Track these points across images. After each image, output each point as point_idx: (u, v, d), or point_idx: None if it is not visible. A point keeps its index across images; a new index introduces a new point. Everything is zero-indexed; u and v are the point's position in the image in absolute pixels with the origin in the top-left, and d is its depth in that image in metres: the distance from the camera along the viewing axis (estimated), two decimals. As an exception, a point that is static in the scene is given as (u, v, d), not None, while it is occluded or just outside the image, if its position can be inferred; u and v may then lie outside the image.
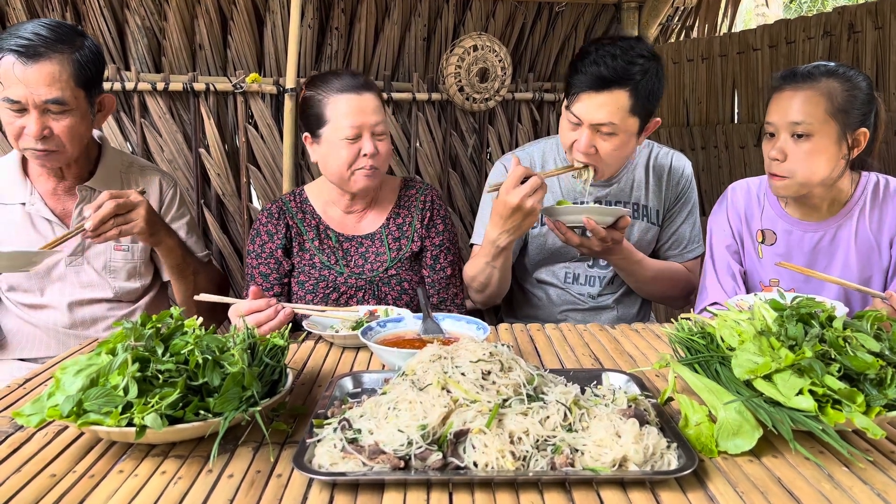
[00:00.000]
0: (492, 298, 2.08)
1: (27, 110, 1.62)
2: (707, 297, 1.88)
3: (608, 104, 1.78)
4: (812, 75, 1.67)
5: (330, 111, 1.81)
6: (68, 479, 0.94)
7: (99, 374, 1.00)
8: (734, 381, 1.04)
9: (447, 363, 1.04)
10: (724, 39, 3.44)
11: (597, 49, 1.80)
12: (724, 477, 0.92)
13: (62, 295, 1.85)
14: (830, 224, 1.79)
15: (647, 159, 2.11)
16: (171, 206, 1.97)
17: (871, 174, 1.80)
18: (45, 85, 1.61)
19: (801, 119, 1.65)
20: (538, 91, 3.60)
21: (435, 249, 1.96)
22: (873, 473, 0.92)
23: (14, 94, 1.60)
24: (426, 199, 1.99)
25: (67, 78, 1.64)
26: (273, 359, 1.15)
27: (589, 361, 1.43)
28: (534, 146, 2.17)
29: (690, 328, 1.23)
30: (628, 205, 2.08)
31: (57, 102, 1.63)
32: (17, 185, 1.81)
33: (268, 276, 1.89)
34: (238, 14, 2.89)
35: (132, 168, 1.95)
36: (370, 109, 1.81)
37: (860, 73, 1.68)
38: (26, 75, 1.60)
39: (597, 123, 1.80)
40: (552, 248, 2.10)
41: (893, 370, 1.00)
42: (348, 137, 1.78)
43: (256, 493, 0.89)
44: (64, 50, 1.64)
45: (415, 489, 0.88)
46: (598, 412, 0.98)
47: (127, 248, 1.89)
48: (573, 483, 0.89)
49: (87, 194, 1.83)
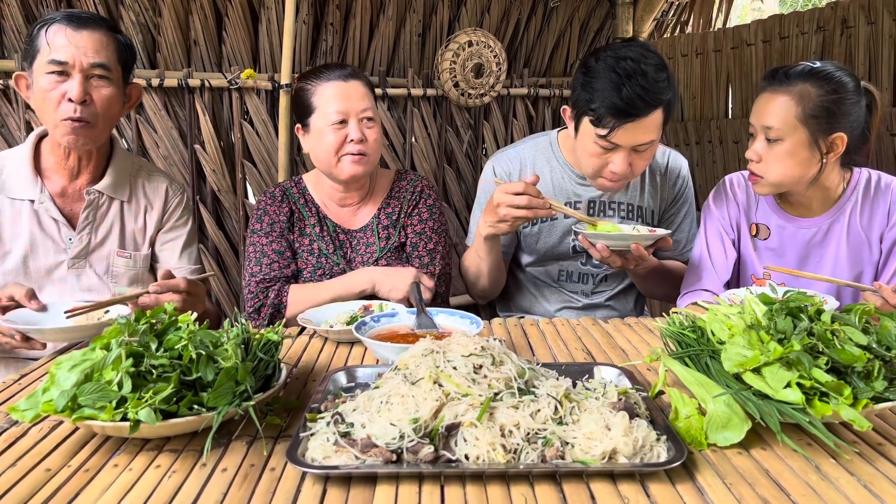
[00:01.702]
0: (486, 293, 2.09)
1: (70, 75, 1.65)
2: (700, 284, 1.89)
3: (651, 126, 1.77)
4: (789, 78, 1.67)
5: (317, 99, 1.84)
6: (63, 474, 0.94)
7: (93, 369, 1.00)
8: (724, 375, 1.05)
9: (439, 357, 1.05)
10: (719, 34, 3.44)
11: (627, 73, 1.72)
12: (712, 469, 0.93)
13: (61, 297, 1.80)
14: (823, 220, 1.80)
15: None
16: (174, 215, 1.96)
17: (863, 170, 1.81)
18: (93, 49, 1.66)
19: (771, 124, 1.67)
20: (533, 86, 3.60)
21: (415, 237, 1.96)
22: (860, 465, 0.93)
23: (62, 55, 1.63)
24: (415, 189, 2.00)
25: (113, 50, 1.70)
26: (267, 354, 1.16)
27: (581, 355, 1.44)
28: (526, 144, 2.14)
29: (681, 322, 1.24)
30: (622, 205, 2.08)
31: (103, 67, 1.67)
32: (27, 181, 1.78)
33: (283, 253, 1.90)
34: (233, 10, 2.89)
35: (141, 172, 1.94)
36: (356, 96, 1.84)
37: (846, 74, 1.67)
38: (75, 38, 1.65)
39: (640, 144, 1.78)
40: (543, 247, 2.10)
41: (880, 363, 1.01)
42: (334, 122, 1.82)
43: (250, 486, 0.90)
44: (108, 27, 1.72)
45: (407, 482, 0.89)
46: (589, 405, 0.99)
47: (129, 256, 1.88)
48: (563, 475, 0.90)
49: (96, 198, 1.82)
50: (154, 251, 1.95)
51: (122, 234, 1.88)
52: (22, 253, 1.78)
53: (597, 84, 1.76)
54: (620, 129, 1.75)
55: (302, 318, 1.62)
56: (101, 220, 1.85)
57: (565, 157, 2.08)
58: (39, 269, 1.80)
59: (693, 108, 3.61)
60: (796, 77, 1.66)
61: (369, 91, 1.89)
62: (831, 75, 1.65)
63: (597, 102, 1.75)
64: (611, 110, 1.73)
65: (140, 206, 1.91)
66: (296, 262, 1.92)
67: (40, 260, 1.80)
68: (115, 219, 1.86)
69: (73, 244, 1.80)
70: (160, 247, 1.95)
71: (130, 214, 1.89)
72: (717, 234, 1.92)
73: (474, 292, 2.12)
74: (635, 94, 1.70)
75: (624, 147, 1.79)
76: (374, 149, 1.87)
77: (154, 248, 1.95)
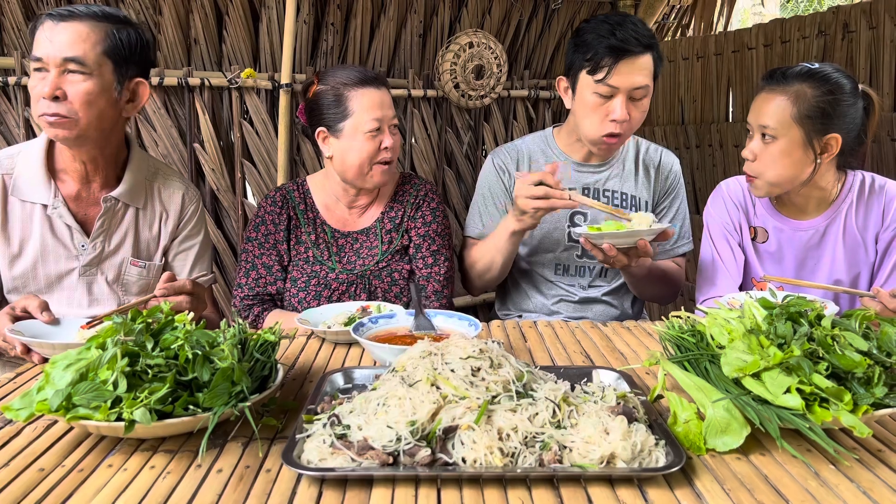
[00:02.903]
0: (489, 285, 2.12)
1: (48, 70, 1.57)
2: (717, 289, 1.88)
3: (645, 68, 1.89)
4: (787, 78, 1.69)
5: (354, 104, 1.83)
6: (57, 473, 0.94)
7: (88, 368, 1.00)
8: (723, 379, 1.05)
9: (437, 359, 1.04)
10: (720, 38, 3.44)
11: (617, 21, 1.88)
12: (711, 474, 0.92)
13: (69, 305, 1.77)
14: (819, 222, 1.81)
15: (636, 153, 2.15)
16: (189, 224, 1.91)
17: (858, 172, 1.82)
18: (68, 42, 1.57)
19: (767, 122, 1.69)
20: (534, 88, 3.60)
21: (419, 239, 1.96)
22: (859, 471, 0.93)
23: (39, 51, 1.57)
24: (419, 193, 2.00)
25: (95, 42, 1.59)
26: (264, 354, 1.15)
27: (580, 359, 1.44)
28: (523, 141, 2.21)
29: (681, 326, 1.23)
30: (617, 193, 2.10)
31: (75, 61, 1.56)
32: (40, 183, 1.71)
33: (271, 268, 1.90)
34: (233, 9, 2.88)
35: (157, 177, 1.87)
36: (388, 103, 1.88)
37: (844, 76, 1.68)
38: (53, 33, 1.57)
39: (636, 87, 1.89)
40: (539, 234, 2.12)
41: (881, 369, 1.00)
42: (371, 130, 1.82)
43: (245, 488, 0.89)
44: (100, 19, 1.62)
45: (403, 485, 0.89)
46: (587, 409, 0.99)
47: (143, 266, 1.83)
48: (561, 480, 0.89)
49: (112, 205, 1.76)
50: (167, 260, 1.90)
51: (137, 242, 1.82)
52: (32, 258, 1.73)
53: (589, 37, 1.91)
54: (617, 70, 1.86)
55: (299, 319, 1.61)
56: (116, 228, 1.79)
57: (560, 148, 2.15)
58: (49, 275, 1.74)
59: (694, 112, 3.61)
60: (794, 77, 1.68)
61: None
62: (828, 76, 1.66)
63: (592, 50, 1.89)
64: (607, 51, 1.86)
65: (155, 214, 1.85)
66: (284, 277, 1.92)
67: (50, 266, 1.74)
68: (129, 226, 1.80)
69: (86, 251, 1.75)
70: (173, 256, 1.90)
71: (145, 222, 1.84)
72: (723, 236, 1.92)
73: (478, 284, 2.12)
74: (629, 34, 1.86)
75: (622, 91, 1.88)
76: (397, 154, 1.92)
77: (167, 258, 1.90)
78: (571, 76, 2.00)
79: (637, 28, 1.88)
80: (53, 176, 1.73)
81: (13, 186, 1.71)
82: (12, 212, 1.72)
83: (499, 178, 2.14)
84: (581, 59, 1.92)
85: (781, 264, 1.86)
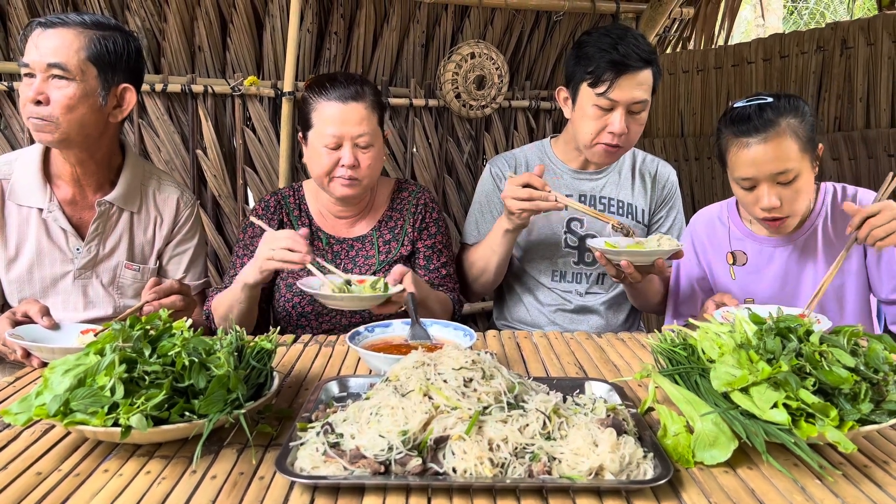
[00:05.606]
0: (486, 287, 2.15)
1: (35, 76, 1.62)
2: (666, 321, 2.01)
3: (644, 82, 1.93)
4: (771, 122, 1.67)
5: (315, 116, 1.82)
6: (54, 478, 0.95)
7: (86, 374, 1.01)
8: (712, 393, 1.06)
9: (430, 370, 1.05)
10: (720, 52, 3.47)
11: (619, 35, 1.91)
12: (698, 487, 0.93)
13: (65, 308, 1.79)
14: (797, 237, 1.83)
15: (633, 162, 2.18)
16: (183, 228, 1.93)
17: (827, 184, 1.87)
18: (52, 49, 1.62)
19: (783, 168, 1.68)
20: (535, 99, 3.62)
21: (427, 251, 1.97)
22: (845, 486, 0.94)
23: (27, 57, 1.63)
24: (419, 202, 2.00)
25: (78, 48, 1.64)
26: (260, 362, 1.17)
27: (574, 370, 1.45)
28: (521, 150, 2.26)
29: (673, 339, 1.25)
30: (613, 201, 2.13)
31: (58, 66, 1.61)
32: (36, 188, 1.74)
33: None
34: (237, 17, 2.91)
35: (152, 181, 1.89)
36: (354, 120, 1.79)
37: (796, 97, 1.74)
38: (40, 40, 1.62)
39: (635, 102, 1.92)
40: (535, 241, 2.15)
41: (868, 385, 1.02)
42: (328, 146, 1.80)
43: (238, 494, 0.91)
44: (87, 27, 1.66)
45: (394, 494, 0.90)
46: (577, 421, 1.00)
47: (138, 269, 1.85)
48: (550, 491, 0.90)
49: (106, 209, 1.78)
50: (161, 264, 1.92)
51: (131, 245, 1.85)
52: (28, 262, 1.75)
53: (591, 50, 1.93)
54: (618, 85, 1.89)
55: (301, 283, 1.65)
56: (111, 232, 1.82)
57: (558, 157, 2.19)
58: (45, 278, 1.77)
59: (693, 124, 3.63)
60: (774, 117, 1.68)
61: (372, 112, 1.83)
62: (796, 102, 1.72)
63: (594, 63, 1.91)
64: (609, 65, 1.89)
65: (150, 218, 1.88)
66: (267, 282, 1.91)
67: (46, 269, 1.77)
68: (124, 230, 1.83)
69: (81, 255, 1.78)
70: (167, 260, 1.92)
71: (140, 226, 1.86)
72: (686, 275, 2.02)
73: (475, 287, 2.15)
74: (630, 49, 1.89)
75: (621, 104, 1.92)
76: (366, 174, 1.83)
77: (161, 261, 1.92)
78: (572, 87, 2.03)
79: (638, 43, 1.91)
80: (49, 180, 1.76)
81: (10, 191, 1.75)
82: (9, 216, 1.75)
83: (496, 186, 2.16)
84: (582, 71, 1.95)
85: (764, 285, 1.88)
